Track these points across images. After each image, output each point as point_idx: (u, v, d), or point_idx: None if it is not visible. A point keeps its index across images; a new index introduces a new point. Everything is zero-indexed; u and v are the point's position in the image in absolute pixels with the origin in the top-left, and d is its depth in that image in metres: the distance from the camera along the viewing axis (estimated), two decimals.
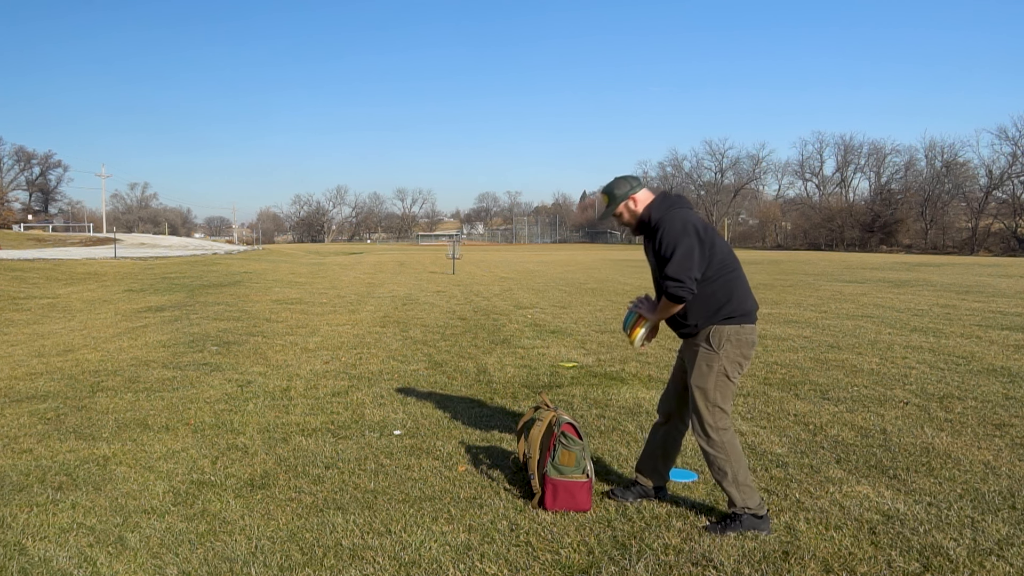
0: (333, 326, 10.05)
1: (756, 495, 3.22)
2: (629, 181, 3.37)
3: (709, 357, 3.21)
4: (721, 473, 3.21)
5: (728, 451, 3.20)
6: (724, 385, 3.23)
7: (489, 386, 6.15)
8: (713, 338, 3.21)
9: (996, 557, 2.93)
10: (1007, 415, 5.09)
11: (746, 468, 3.25)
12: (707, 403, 3.22)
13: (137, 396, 5.77)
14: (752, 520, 3.16)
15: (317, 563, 2.92)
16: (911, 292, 15.42)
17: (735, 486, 3.18)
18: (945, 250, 65.02)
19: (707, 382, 3.22)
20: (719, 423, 3.22)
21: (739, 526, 3.16)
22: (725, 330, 3.20)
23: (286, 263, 29.94)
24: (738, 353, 3.22)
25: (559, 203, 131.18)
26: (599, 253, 54.03)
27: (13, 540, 3.12)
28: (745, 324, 3.24)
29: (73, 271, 19.93)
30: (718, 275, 3.21)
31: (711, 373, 3.21)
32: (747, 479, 3.21)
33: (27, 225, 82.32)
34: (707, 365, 3.22)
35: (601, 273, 24.13)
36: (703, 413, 3.22)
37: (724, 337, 3.20)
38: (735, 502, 3.18)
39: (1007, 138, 71.75)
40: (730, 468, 3.19)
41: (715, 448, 3.21)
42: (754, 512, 3.17)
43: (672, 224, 3.15)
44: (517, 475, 3.90)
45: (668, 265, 3.11)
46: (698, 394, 3.24)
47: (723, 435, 3.21)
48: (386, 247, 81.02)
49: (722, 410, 3.23)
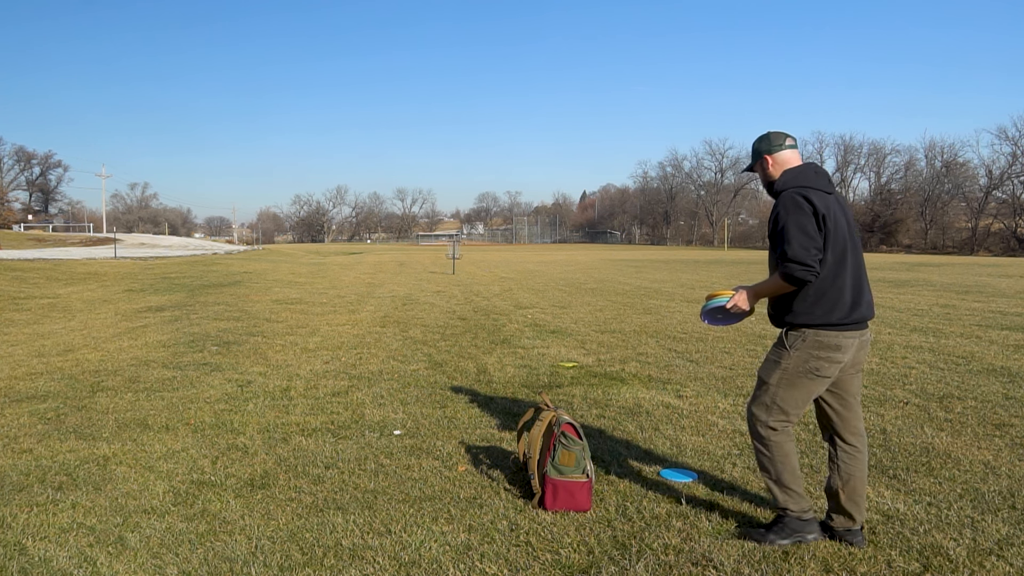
0: (333, 326, 10.05)
1: (802, 500, 3.05)
2: (773, 138, 3.13)
3: (779, 353, 3.05)
4: (764, 471, 3.09)
5: (774, 453, 3.04)
6: (789, 387, 3.01)
7: (489, 386, 6.15)
8: (787, 337, 3.02)
9: (996, 557, 2.93)
10: (1007, 415, 5.09)
11: (793, 472, 3.06)
12: (767, 398, 3.05)
13: (137, 396, 5.77)
14: (796, 523, 3.03)
15: (317, 563, 2.92)
16: (911, 292, 15.41)
17: (777, 486, 3.06)
18: (945, 250, 65.04)
19: (771, 377, 3.05)
20: (773, 423, 3.04)
21: (783, 530, 3.03)
22: (802, 332, 2.99)
23: (286, 263, 29.94)
24: (812, 356, 2.97)
25: (559, 203, 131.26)
26: (599, 253, 54.02)
27: (13, 540, 3.12)
28: (830, 330, 2.96)
29: (73, 271, 19.93)
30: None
31: (777, 370, 3.04)
32: (792, 483, 3.04)
33: (27, 225, 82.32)
34: (775, 361, 3.06)
35: (601, 273, 24.13)
36: (759, 407, 3.07)
37: (799, 339, 2.99)
38: (776, 502, 3.08)
39: (1007, 138, 71.77)
40: (773, 468, 3.05)
41: (761, 443, 3.07)
42: (797, 515, 3.04)
43: (791, 199, 2.93)
44: (517, 475, 3.90)
45: (784, 243, 2.87)
46: (760, 386, 3.09)
47: (773, 436, 3.05)
48: (386, 247, 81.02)
49: (782, 411, 3.03)
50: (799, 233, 2.87)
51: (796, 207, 2.90)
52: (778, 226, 2.92)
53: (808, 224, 2.88)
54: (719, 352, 7.75)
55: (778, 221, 2.93)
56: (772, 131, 3.16)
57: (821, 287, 2.95)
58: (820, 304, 2.95)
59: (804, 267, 2.85)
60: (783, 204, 2.94)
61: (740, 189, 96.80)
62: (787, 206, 2.92)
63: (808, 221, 2.88)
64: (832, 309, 2.96)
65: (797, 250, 2.85)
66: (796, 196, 2.93)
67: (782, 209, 2.93)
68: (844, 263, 2.98)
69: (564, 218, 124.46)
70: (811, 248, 2.86)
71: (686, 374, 6.63)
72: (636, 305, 13.00)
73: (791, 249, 2.86)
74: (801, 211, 2.89)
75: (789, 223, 2.89)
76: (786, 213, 2.91)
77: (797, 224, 2.88)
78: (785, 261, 2.87)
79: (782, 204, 2.95)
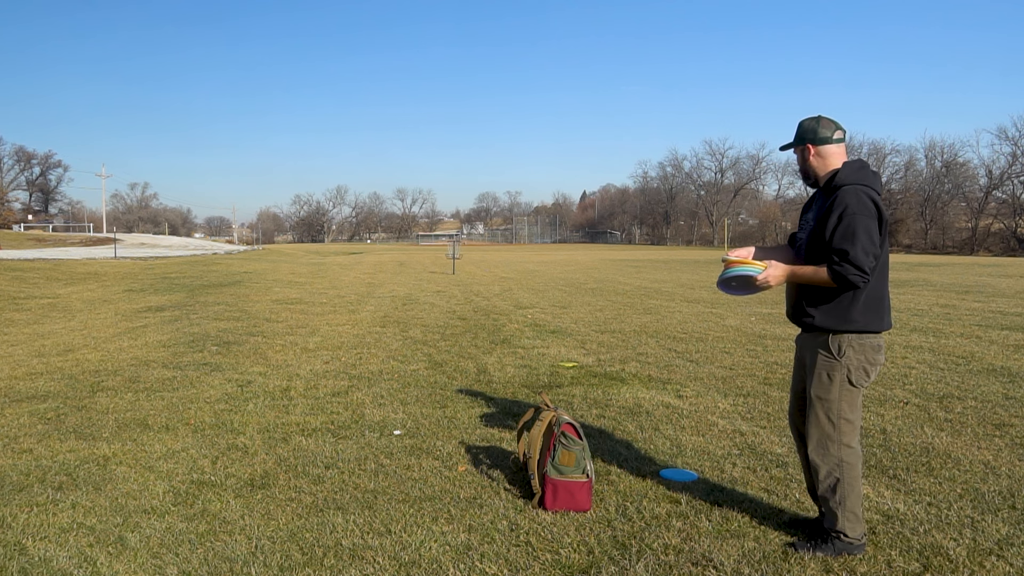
0: (333, 326, 10.04)
1: (860, 526, 2.96)
2: (822, 128, 2.97)
3: (830, 365, 2.92)
4: (830, 492, 2.93)
5: (845, 472, 2.91)
6: (850, 394, 2.92)
7: (489, 386, 6.15)
8: (833, 343, 2.92)
9: (996, 557, 2.93)
10: (1007, 415, 5.09)
11: (859, 495, 2.95)
12: (829, 415, 2.92)
13: (137, 396, 5.77)
14: (846, 545, 2.94)
15: (317, 563, 2.92)
16: (911, 292, 15.41)
17: (840, 509, 2.92)
18: (945, 250, 65.05)
19: (830, 393, 2.92)
20: (844, 437, 2.92)
21: (831, 548, 2.93)
22: (847, 337, 2.91)
23: (286, 263, 29.94)
24: (863, 359, 2.92)
25: (559, 203, 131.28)
26: (599, 253, 54.02)
27: (13, 540, 3.12)
28: (877, 335, 2.95)
29: (73, 271, 19.93)
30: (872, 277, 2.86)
31: (833, 384, 2.92)
32: (856, 507, 2.93)
33: (27, 225, 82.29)
34: (828, 375, 2.93)
35: (601, 273, 24.13)
36: (824, 426, 2.93)
37: (846, 343, 2.91)
38: (834, 524, 2.94)
39: (1007, 138, 71.93)
40: (841, 490, 2.92)
41: (831, 464, 2.92)
42: (851, 541, 2.94)
43: (861, 198, 2.81)
44: (517, 475, 3.90)
45: (848, 242, 2.77)
46: (819, 405, 2.94)
47: (845, 453, 2.92)
48: (386, 247, 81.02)
49: (848, 422, 2.93)
50: (866, 237, 2.78)
51: (866, 208, 2.80)
52: (843, 222, 2.80)
53: (874, 229, 2.80)
54: (719, 352, 7.75)
55: (844, 217, 2.80)
56: (824, 117, 3.01)
57: (877, 292, 2.92)
58: (874, 309, 2.92)
59: (862, 274, 2.79)
60: (854, 200, 2.81)
61: (740, 189, 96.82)
62: (858, 205, 2.80)
63: (874, 225, 2.80)
64: (883, 314, 2.95)
65: (860, 255, 2.77)
66: (865, 197, 2.83)
67: (852, 205, 2.80)
68: (887, 267, 2.98)
69: (564, 218, 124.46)
70: (871, 255, 2.79)
71: (686, 374, 6.63)
72: (636, 305, 13.00)
73: (855, 251, 2.77)
74: (870, 214, 2.80)
75: (858, 224, 2.78)
76: (856, 212, 2.79)
77: (865, 227, 2.78)
78: (844, 261, 2.78)
79: (852, 200, 2.81)
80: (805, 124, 3.03)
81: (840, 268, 2.79)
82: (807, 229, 3.03)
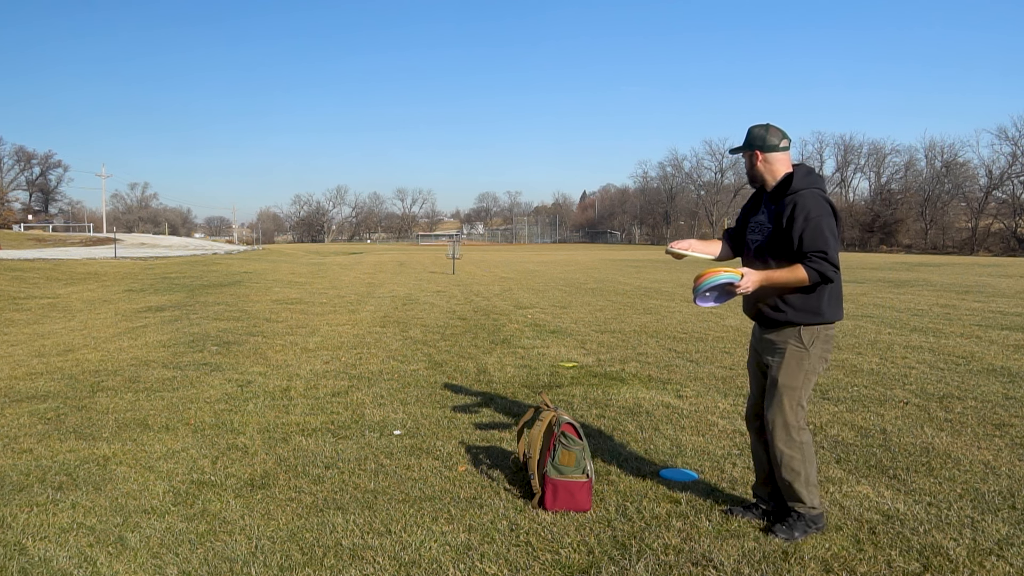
0: (333, 326, 10.05)
1: (816, 495, 3.17)
2: (771, 136, 3.13)
3: (800, 355, 3.11)
4: (794, 474, 3.12)
5: (805, 452, 3.13)
6: (809, 382, 3.15)
7: (489, 386, 6.15)
8: (805, 335, 3.10)
9: (996, 557, 2.93)
10: (1007, 415, 5.09)
11: (815, 467, 3.19)
12: (793, 402, 3.12)
13: (137, 396, 5.77)
14: (816, 517, 3.15)
15: (317, 563, 2.93)
16: (911, 292, 15.42)
17: (806, 487, 3.12)
18: (945, 250, 65.03)
19: (797, 380, 3.12)
20: (801, 422, 3.14)
21: (805, 526, 3.12)
22: (815, 329, 3.11)
23: (286, 263, 29.94)
24: (824, 349, 3.15)
25: (559, 203, 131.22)
26: (599, 253, 54.02)
27: (13, 540, 3.12)
28: (832, 325, 3.18)
29: (73, 271, 19.93)
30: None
31: (801, 371, 3.12)
32: (812, 477, 3.15)
33: (27, 225, 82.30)
34: (797, 363, 3.11)
35: (601, 273, 24.13)
36: (787, 413, 3.13)
37: (815, 335, 3.11)
38: (803, 501, 3.12)
39: (1007, 138, 71.71)
40: (804, 469, 3.12)
41: (793, 448, 3.12)
42: (819, 511, 3.16)
43: (819, 201, 3.01)
44: (517, 475, 3.90)
45: (822, 242, 2.95)
46: (786, 393, 3.12)
47: (803, 435, 3.14)
48: (386, 247, 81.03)
49: (803, 408, 3.16)
50: (831, 236, 2.98)
51: (826, 210, 3.00)
52: (810, 223, 2.97)
53: (835, 227, 3.02)
54: (719, 352, 7.75)
55: (810, 220, 2.98)
56: (772, 126, 3.17)
57: (838, 285, 3.12)
58: (837, 302, 3.14)
59: (836, 269, 2.99)
60: (812, 203, 3.00)
61: (740, 189, 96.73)
62: (817, 207, 3.00)
63: (834, 225, 3.01)
64: (840, 305, 3.18)
65: (834, 253, 2.97)
66: (822, 199, 3.04)
67: (812, 208, 2.99)
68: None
69: (564, 218, 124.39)
70: (837, 251, 3.00)
71: (686, 374, 6.63)
72: (636, 305, 13.00)
73: (832, 251, 2.97)
74: (830, 214, 3.01)
75: (823, 224, 2.97)
76: (818, 214, 2.98)
77: (829, 227, 2.98)
78: (824, 261, 2.96)
79: (811, 203, 3.00)
80: (755, 131, 3.18)
81: (818, 266, 2.97)
82: (762, 231, 3.19)
